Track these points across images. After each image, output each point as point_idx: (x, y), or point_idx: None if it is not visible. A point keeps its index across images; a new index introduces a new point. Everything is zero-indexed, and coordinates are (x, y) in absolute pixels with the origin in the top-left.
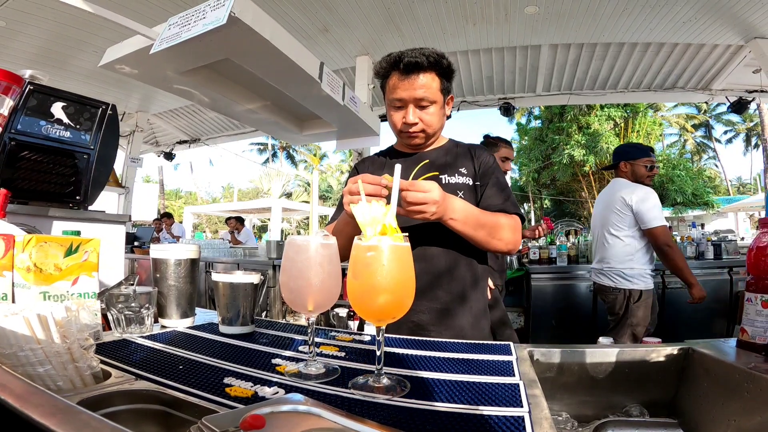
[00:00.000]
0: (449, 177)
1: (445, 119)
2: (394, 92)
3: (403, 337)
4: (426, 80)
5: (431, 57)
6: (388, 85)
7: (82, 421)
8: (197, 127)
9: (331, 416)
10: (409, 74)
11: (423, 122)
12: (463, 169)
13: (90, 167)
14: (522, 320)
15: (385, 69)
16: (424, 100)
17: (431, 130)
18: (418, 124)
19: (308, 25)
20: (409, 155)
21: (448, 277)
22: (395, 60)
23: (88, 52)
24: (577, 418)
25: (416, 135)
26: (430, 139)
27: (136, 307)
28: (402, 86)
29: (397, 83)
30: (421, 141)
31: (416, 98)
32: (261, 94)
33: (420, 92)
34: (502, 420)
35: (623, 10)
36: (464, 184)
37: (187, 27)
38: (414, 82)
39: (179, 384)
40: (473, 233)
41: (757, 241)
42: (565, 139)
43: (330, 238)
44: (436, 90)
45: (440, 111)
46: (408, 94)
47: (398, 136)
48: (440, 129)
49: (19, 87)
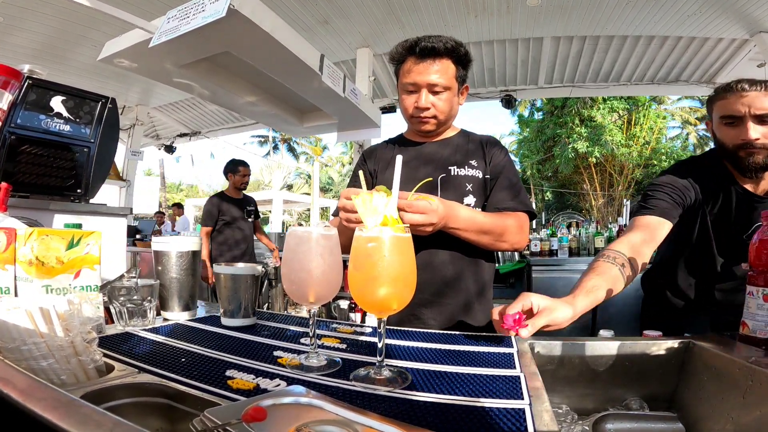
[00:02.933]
0: (458, 169)
1: (458, 108)
2: (408, 76)
3: (404, 329)
4: (441, 66)
5: (448, 43)
6: (402, 69)
7: (86, 415)
8: (198, 120)
9: (332, 408)
10: (425, 59)
11: (435, 108)
12: (474, 162)
13: (90, 161)
14: None
15: (401, 54)
16: (437, 86)
17: (443, 116)
18: (431, 110)
19: (308, 17)
20: (419, 144)
21: (454, 286)
22: (412, 45)
23: (87, 46)
24: (578, 411)
25: (427, 120)
26: (442, 127)
27: (138, 300)
28: (416, 70)
29: (412, 67)
30: (432, 127)
31: (430, 83)
32: (261, 86)
33: (434, 77)
34: (503, 412)
35: (627, 3)
36: (473, 176)
37: (186, 20)
38: (429, 66)
39: (181, 377)
40: (477, 239)
41: (760, 233)
42: (568, 131)
43: (331, 230)
44: (451, 77)
45: (453, 99)
46: (422, 79)
47: (409, 122)
48: (452, 117)
49: (17, 81)
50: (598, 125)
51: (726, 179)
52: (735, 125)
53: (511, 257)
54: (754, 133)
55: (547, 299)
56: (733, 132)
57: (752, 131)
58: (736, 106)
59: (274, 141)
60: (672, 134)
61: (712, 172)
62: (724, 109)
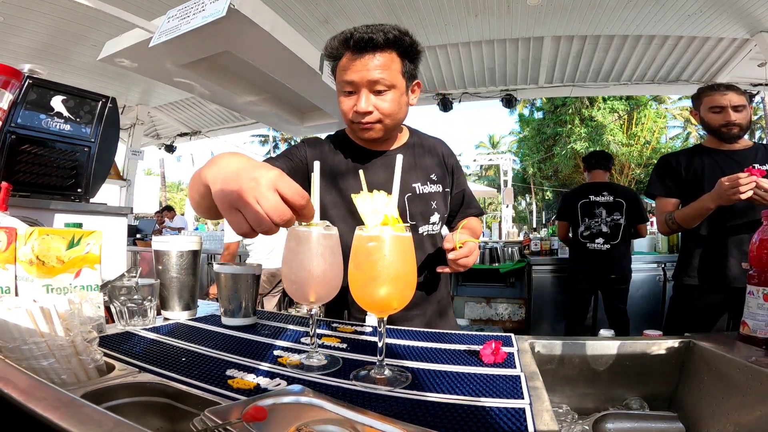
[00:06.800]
0: (422, 186)
1: (407, 109)
2: (344, 74)
3: (404, 328)
4: (382, 60)
5: (390, 33)
6: (338, 67)
7: (86, 415)
8: (198, 120)
9: (332, 407)
10: (362, 53)
11: (379, 111)
12: (434, 176)
13: (91, 160)
14: (523, 312)
15: (335, 48)
16: (379, 83)
17: (390, 120)
18: (373, 113)
19: (308, 17)
20: (373, 153)
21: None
22: (347, 37)
23: (87, 46)
24: (578, 411)
25: (371, 126)
26: (390, 132)
27: (138, 299)
28: (353, 67)
29: (348, 64)
30: (377, 134)
31: (370, 80)
32: (261, 86)
33: (375, 74)
34: (503, 412)
35: (627, 3)
36: (437, 192)
37: (186, 20)
38: (368, 62)
39: (182, 376)
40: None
41: (761, 233)
42: (568, 130)
43: (331, 229)
44: (396, 72)
45: (401, 98)
46: (360, 76)
47: (350, 128)
48: (401, 120)
49: (18, 81)
50: (599, 125)
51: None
52: (719, 113)
53: (511, 256)
54: (733, 117)
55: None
56: (718, 117)
57: (732, 116)
58: (721, 100)
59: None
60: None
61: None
62: (712, 101)
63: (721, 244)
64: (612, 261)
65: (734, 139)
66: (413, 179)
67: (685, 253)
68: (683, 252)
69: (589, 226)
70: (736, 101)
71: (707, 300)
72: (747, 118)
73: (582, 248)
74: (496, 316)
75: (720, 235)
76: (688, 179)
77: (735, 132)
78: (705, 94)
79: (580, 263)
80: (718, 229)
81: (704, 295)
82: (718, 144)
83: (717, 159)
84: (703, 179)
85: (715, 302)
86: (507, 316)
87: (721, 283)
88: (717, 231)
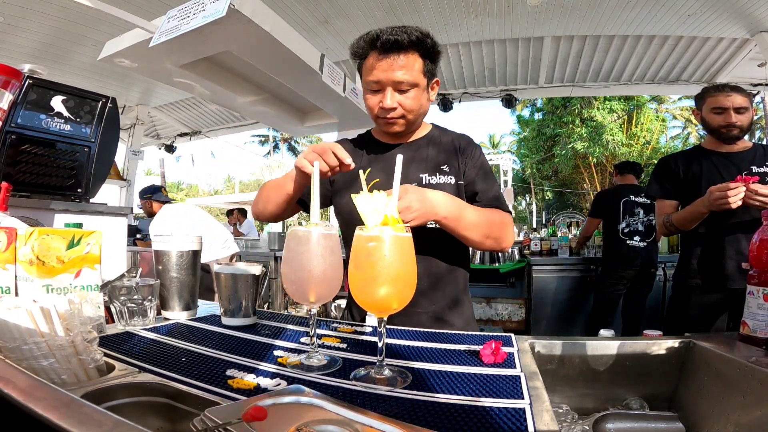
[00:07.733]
0: (430, 177)
1: (428, 105)
2: (371, 73)
3: (404, 328)
4: (407, 61)
5: (413, 35)
6: (365, 66)
7: (86, 415)
8: (198, 120)
9: (332, 407)
10: (388, 54)
11: (403, 107)
12: (446, 167)
13: (91, 160)
14: (523, 312)
15: (363, 48)
16: (404, 83)
17: (412, 116)
18: (397, 109)
19: (309, 17)
20: (388, 146)
21: (428, 296)
22: (373, 38)
23: (87, 46)
24: (578, 411)
25: (395, 121)
26: (412, 126)
27: (138, 299)
28: (380, 67)
29: (375, 63)
30: (401, 128)
31: (395, 81)
32: (262, 86)
33: (399, 74)
34: (503, 412)
35: (627, 3)
36: (446, 184)
37: (186, 20)
38: (393, 62)
39: (182, 376)
40: (465, 232)
41: (761, 233)
42: (568, 131)
43: (331, 229)
44: (418, 72)
45: (423, 95)
46: (386, 76)
47: (375, 122)
48: (423, 115)
49: (18, 81)
50: (599, 125)
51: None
52: (721, 114)
53: (511, 257)
54: (735, 119)
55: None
56: (720, 117)
57: (733, 118)
58: (724, 102)
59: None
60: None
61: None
62: (715, 102)
63: (720, 244)
64: (650, 257)
65: (733, 140)
66: (420, 170)
67: (685, 253)
68: (683, 252)
69: (629, 223)
70: (739, 103)
71: (707, 300)
72: (749, 120)
73: (622, 245)
74: (496, 316)
75: (720, 235)
76: (687, 181)
77: (735, 133)
78: (709, 94)
79: (619, 260)
80: (718, 229)
81: (704, 295)
82: (717, 145)
83: (715, 161)
84: (701, 181)
85: (715, 302)
86: (507, 316)
87: (721, 283)
88: (717, 231)
